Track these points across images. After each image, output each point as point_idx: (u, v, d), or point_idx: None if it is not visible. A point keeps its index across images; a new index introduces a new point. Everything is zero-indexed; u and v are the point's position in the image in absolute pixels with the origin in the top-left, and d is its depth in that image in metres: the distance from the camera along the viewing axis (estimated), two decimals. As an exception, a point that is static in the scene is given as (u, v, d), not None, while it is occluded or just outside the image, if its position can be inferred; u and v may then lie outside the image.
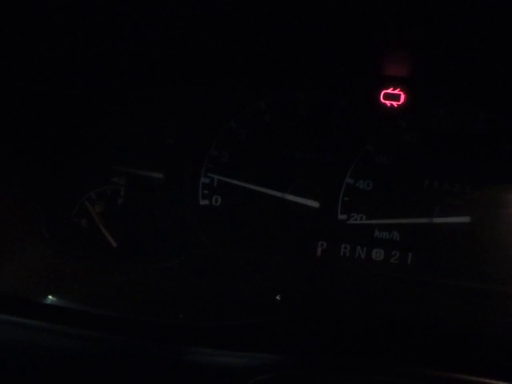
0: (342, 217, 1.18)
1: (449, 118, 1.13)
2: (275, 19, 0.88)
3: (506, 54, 0.91)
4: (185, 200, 1.24)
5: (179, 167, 1.24)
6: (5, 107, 1.10)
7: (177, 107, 1.23)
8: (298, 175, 1.19)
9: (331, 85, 1.18)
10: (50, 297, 1.04)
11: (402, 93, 1.14)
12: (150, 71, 1.20)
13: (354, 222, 1.17)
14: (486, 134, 1.12)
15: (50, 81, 1.14)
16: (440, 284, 1.11)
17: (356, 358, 0.83)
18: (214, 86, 1.21)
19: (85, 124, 1.24)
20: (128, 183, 1.25)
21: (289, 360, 0.81)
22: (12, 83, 1.08)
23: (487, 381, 0.75)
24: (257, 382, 0.78)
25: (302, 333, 0.90)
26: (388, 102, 1.15)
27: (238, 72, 1.20)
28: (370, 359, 0.83)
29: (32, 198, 1.20)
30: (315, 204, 1.18)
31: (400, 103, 1.15)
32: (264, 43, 1.04)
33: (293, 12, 0.83)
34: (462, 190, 1.12)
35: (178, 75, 1.21)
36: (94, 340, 0.86)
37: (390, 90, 1.15)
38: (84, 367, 0.84)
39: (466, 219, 1.11)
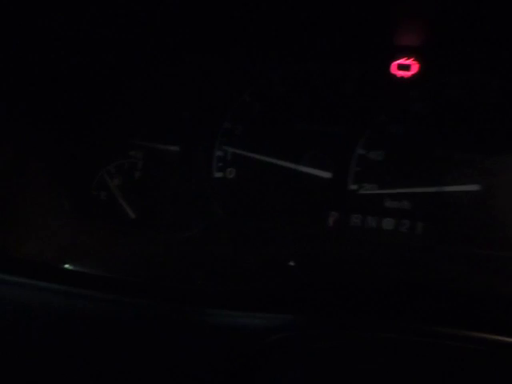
0: (353, 187, 1.19)
1: (461, 87, 1.13)
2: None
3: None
4: (199, 173, 1.27)
5: (194, 140, 1.26)
6: (23, 81, 1.12)
7: (192, 80, 1.25)
8: (311, 146, 1.21)
9: (343, 56, 1.18)
10: (68, 265, 1.08)
11: (414, 63, 1.15)
12: (164, 44, 1.21)
13: (365, 192, 1.19)
14: (498, 103, 1.11)
15: (67, 53, 1.15)
16: (448, 251, 1.13)
17: (367, 318, 0.85)
18: (227, 59, 1.22)
19: (102, 98, 1.27)
20: (145, 156, 1.28)
21: (302, 320, 0.84)
22: (31, 57, 1.10)
23: (490, 336, 0.78)
24: (273, 340, 0.81)
25: (314, 296, 0.93)
26: (400, 73, 1.16)
27: (251, 45, 1.20)
28: (382, 318, 0.85)
29: (53, 171, 1.23)
30: (327, 175, 1.20)
31: (412, 73, 1.15)
32: (275, 14, 1.03)
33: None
34: (472, 159, 1.13)
35: (192, 48, 1.22)
36: (110, 303, 0.88)
37: (402, 61, 1.15)
38: (102, 331, 0.86)
39: (475, 187, 1.12)
